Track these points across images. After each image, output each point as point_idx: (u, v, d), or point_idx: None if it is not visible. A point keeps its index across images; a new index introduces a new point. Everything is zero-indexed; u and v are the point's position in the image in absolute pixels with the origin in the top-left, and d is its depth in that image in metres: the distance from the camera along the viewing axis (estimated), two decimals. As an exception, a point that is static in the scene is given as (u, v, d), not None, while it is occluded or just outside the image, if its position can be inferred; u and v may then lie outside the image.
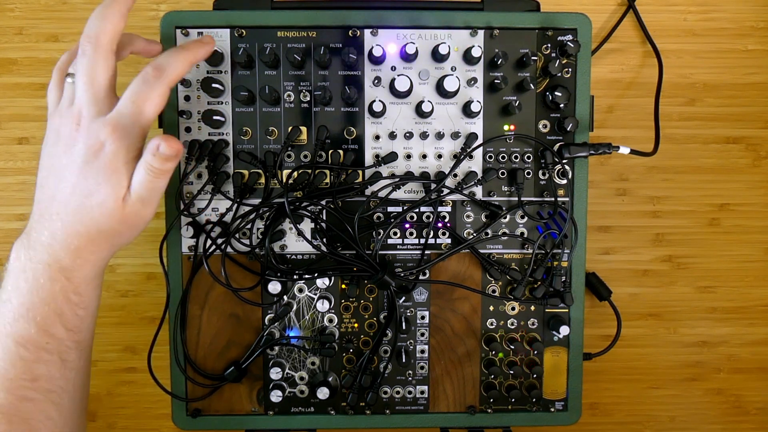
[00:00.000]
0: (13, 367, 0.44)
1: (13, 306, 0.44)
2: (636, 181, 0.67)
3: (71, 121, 0.44)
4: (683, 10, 0.66)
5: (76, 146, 0.44)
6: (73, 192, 0.44)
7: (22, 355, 0.44)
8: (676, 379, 0.69)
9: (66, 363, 0.46)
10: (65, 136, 0.45)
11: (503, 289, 0.57)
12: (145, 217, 0.47)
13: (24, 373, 0.44)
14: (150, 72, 0.44)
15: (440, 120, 0.55)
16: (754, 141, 0.67)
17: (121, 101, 0.44)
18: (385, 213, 0.55)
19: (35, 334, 0.44)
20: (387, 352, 0.57)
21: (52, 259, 0.44)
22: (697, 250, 0.68)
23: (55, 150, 0.45)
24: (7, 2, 0.64)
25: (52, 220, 0.45)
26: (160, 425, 0.68)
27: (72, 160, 0.44)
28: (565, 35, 0.55)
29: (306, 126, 0.54)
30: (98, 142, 0.43)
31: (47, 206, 0.45)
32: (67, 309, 0.45)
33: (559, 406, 0.58)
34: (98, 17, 0.44)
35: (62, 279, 0.45)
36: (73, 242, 0.45)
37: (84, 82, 0.44)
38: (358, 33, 0.54)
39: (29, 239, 0.45)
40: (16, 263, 0.45)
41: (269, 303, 0.56)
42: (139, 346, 0.67)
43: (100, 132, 0.43)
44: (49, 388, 0.45)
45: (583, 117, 0.55)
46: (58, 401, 0.46)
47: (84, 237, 0.45)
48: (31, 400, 0.44)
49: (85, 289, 0.46)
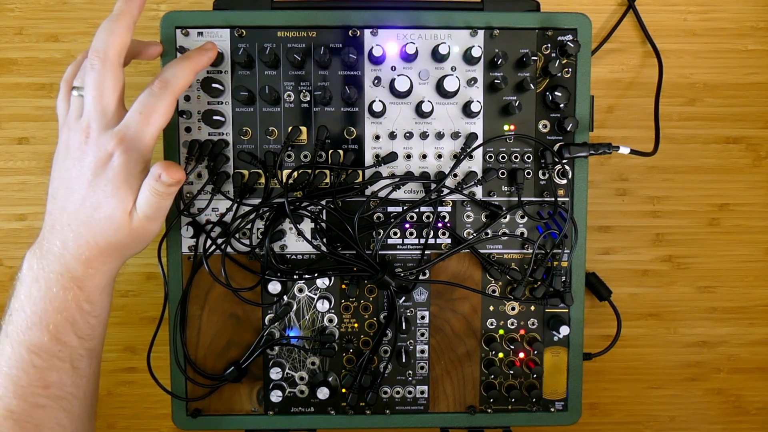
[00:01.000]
0: (26, 374, 0.44)
1: (26, 314, 0.45)
2: (636, 181, 0.67)
3: (80, 134, 0.45)
4: (683, 10, 0.66)
5: (86, 159, 0.44)
6: (83, 204, 0.45)
7: (35, 363, 0.44)
8: (676, 379, 0.69)
9: (77, 370, 0.47)
10: (75, 148, 0.45)
11: (503, 289, 0.57)
12: (153, 231, 0.48)
13: (36, 381, 0.44)
14: (156, 85, 0.45)
15: (440, 120, 0.55)
16: (754, 141, 0.67)
17: (129, 114, 0.45)
18: (385, 213, 0.55)
19: (48, 342, 0.45)
20: (387, 352, 0.57)
21: (64, 268, 0.45)
22: (697, 250, 0.68)
23: (66, 162, 0.46)
24: (7, 2, 0.64)
25: (63, 231, 0.45)
26: (160, 425, 0.68)
27: (81, 172, 0.45)
28: (565, 35, 0.55)
29: (306, 126, 0.54)
30: (107, 154, 0.44)
31: (58, 217, 0.46)
32: (80, 317, 0.46)
33: (559, 406, 0.58)
34: (106, 31, 0.45)
35: (74, 288, 0.45)
36: (84, 253, 0.45)
37: (93, 96, 0.44)
38: (358, 33, 0.54)
39: (41, 249, 0.46)
40: (29, 272, 0.45)
41: (269, 303, 0.56)
42: (139, 346, 0.67)
43: (108, 144, 0.44)
44: (60, 395, 0.46)
45: (583, 117, 0.55)
46: (69, 408, 0.46)
47: (94, 248, 0.45)
48: (42, 407, 0.45)
49: (97, 297, 0.47)
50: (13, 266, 0.66)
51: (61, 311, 0.45)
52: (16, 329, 0.45)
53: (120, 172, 0.44)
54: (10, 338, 0.45)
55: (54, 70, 0.64)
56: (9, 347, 0.44)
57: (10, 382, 0.44)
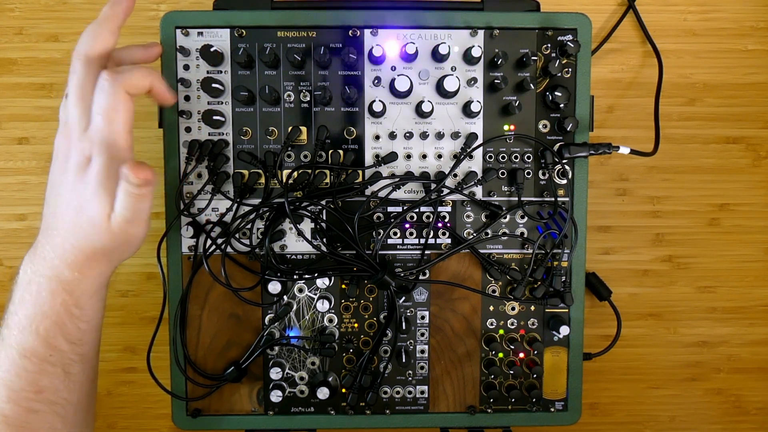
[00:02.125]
0: (18, 378, 0.44)
1: (18, 318, 0.45)
2: (636, 181, 0.67)
3: (65, 138, 0.45)
4: (683, 10, 0.66)
5: (69, 162, 0.45)
6: (68, 207, 0.45)
7: (27, 367, 0.44)
8: (676, 379, 0.69)
9: (70, 376, 0.47)
10: (62, 153, 0.45)
11: (503, 289, 0.57)
12: (137, 235, 0.47)
13: (29, 385, 0.44)
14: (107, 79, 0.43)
15: (440, 120, 0.55)
16: (754, 141, 0.67)
17: (92, 116, 0.44)
18: (385, 213, 0.55)
19: (39, 346, 0.45)
20: (387, 352, 0.57)
21: (53, 273, 0.45)
22: (697, 250, 0.68)
23: (55, 167, 0.46)
24: (7, 2, 0.64)
25: (52, 235, 0.45)
26: (160, 425, 0.68)
27: (65, 176, 0.45)
28: (565, 35, 0.55)
29: (306, 126, 0.54)
30: (85, 157, 0.44)
31: (50, 222, 0.46)
32: (69, 322, 0.46)
33: (559, 406, 0.58)
34: (88, 34, 0.45)
35: (63, 293, 0.45)
36: (70, 257, 0.45)
37: (75, 98, 0.44)
38: (358, 33, 0.54)
39: (35, 254, 0.46)
40: (24, 276, 0.46)
41: (269, 303, 0.56)
42: (139, 346, 0.67)
43: (85, 147, 0.44)
44: (53, 399, 0.46)
45: (583, 117, 0.55)
46: (62, 413, 0.46)
47: (80, 252, 0.45)
48: (36, 412, 0.45)
49: (86, 302, 0.47)
50: (13, 266, 0.66)
51: (49, 316, 0.45)
52: (9, 333, 0.45)
53: (97, 174, 0.44)
54: (3, 342, 0.45)
55: (54, 70, 0.64)
56: (2, 351, 0.45)
57: (3, 386, 0.44)
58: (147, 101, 0.49)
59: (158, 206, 0.62)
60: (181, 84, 0.54)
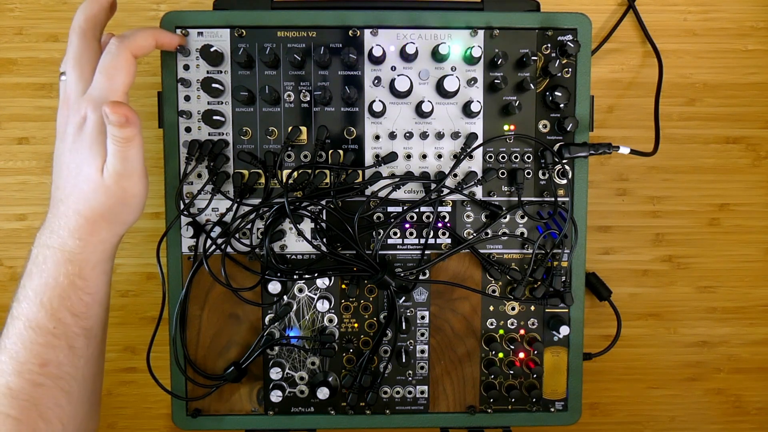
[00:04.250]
0: (24, 349, 0.45)
1: (26, 290, 0.46)
2: (636, 181, 0.67)
3: (64, 108, 0.47)
4: (683, 10, 0.66)
5: (68, 128, 0.47)
6: (69, 173, 0.46)
7: (32, 339, 0.45)
8: (676, 379, 0.69)
9: (74, 350, 0.47)
10: (62, 124, 0.47)
11: (503, 289, 0.57)
12: (133, 193, 0.48)
13: (33, 357, 0.45)
14: (113, 43, 0.46)
15: (440, 120, 0.55)
16: (754, 141, 0.67)
17: (94, 76, 0.46)
18: (385, 213, 0.55)
19: (43, 318, 0.45)
20: (387, 352, 0.57)
21: (57, 243, 0.46)
22: (697, 250, 0.68)
23: (58, 140, 0.48)
24: (7, 2, 0.64)
25: (57, 206, 0.47)
26: (160, 425, 0.68)
27: (65, 142, 0.47)
28: (565, 35, 0.55)
29: (306, 126, 0.54)
30: (81, 117, 0.46)
31: (55, 194, 0.47)
32: (72, 293, 0.47)
33: (559, 406, 0.58)
34: (81, 9, 0.48)
35: (66, 263, 0.46)
36: (71, 222, 0.46)
37: (71, 65, 0.46)
38: (358, 33, 0.54)
39: (44, 227, 0.47)
40: (34, 250, 0.47)
41: (269, 303, 0.56)
42: (139, 346, 0.67)
43: (81, 107, 0.46)
44: (58, 374, 0.46)
45: (583, 117, 0.55)
46: (67, 389, 0.47)
47: (81, 216, 0.46)
48: (40, 386, 0.45)
49: (89, 273, 0.47)
50: (13, 266, 0.66)
51: (53, 287, 0.46)
52: (18, 305, 0.46)
53: (92, 131, 0.45)
54: (11, 313, 0.46)
55: (54, 70, 0.64)
56: (10, 322, 0.46)
57: (9, 357, 0.45)
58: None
59: (158, 206, 0.62)
60: (181, 84, 0.54)
